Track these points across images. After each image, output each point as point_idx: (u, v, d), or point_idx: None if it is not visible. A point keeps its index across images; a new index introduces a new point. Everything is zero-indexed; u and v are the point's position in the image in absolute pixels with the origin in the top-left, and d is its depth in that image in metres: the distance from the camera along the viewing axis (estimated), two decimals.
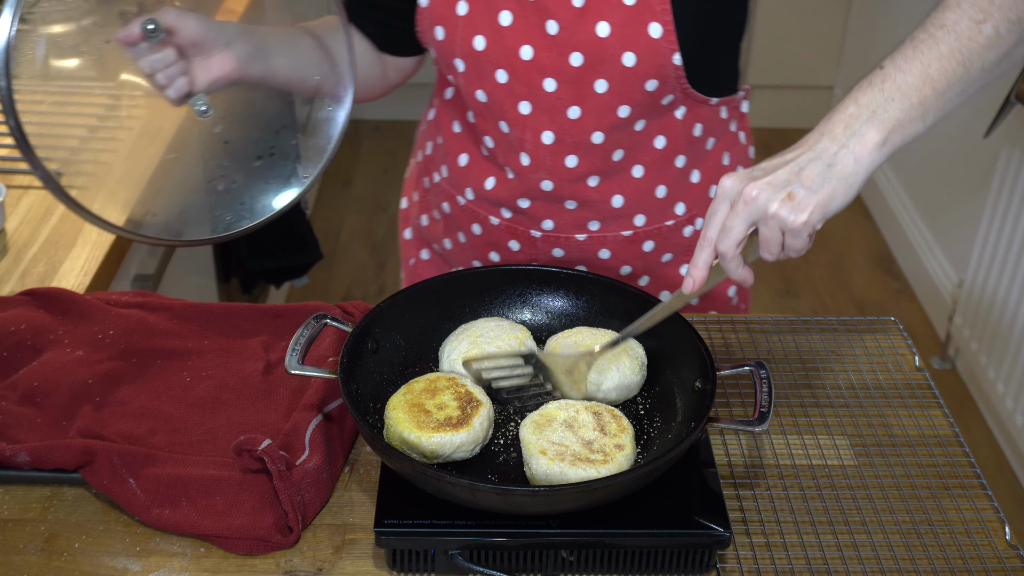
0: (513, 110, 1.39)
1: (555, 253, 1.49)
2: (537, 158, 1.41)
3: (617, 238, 1.48)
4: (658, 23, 1.30)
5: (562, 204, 1.45)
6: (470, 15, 1.36)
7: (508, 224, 1.49)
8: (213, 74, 1.26)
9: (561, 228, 1.47)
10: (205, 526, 1.12)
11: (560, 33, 1.32)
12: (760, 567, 1.12)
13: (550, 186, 1.43)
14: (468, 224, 1.53)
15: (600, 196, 1.44)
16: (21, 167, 1.79)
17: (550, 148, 1.40)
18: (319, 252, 2.56)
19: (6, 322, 1.36)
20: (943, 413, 1.33)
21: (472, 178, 1.49)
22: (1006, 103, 2.54)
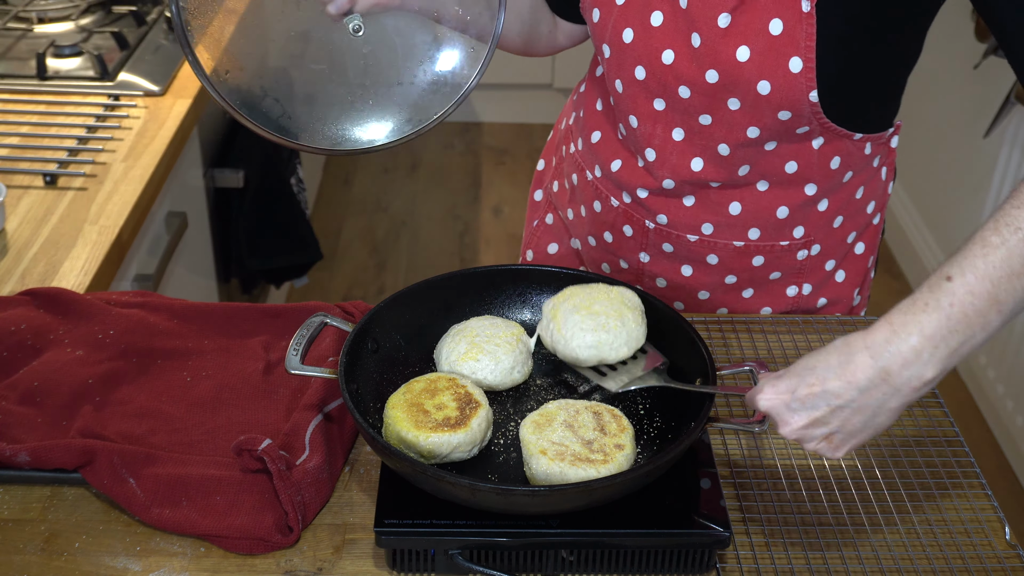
0: (647, 105, 1.39)
1: (665, 247, 1.49)
2: (663, 154, 1.41)
3: (728, 246, 1.45)
4: (799, 57, 1.27)
5: (680, 200, 1.44)
6: (625, 6, 1.36)
7: (626, 209, 1.48)
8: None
9: (675, 225, 1.46)
10: (205, 526, 1.12)
11: (702, 47, 1.31)
12: (760, 567, 1.12)
13: (671, 184, 1.43)
14: (591, 200, 1.53)
15: (719, 199, 1.42)
16: (21, 167, 1.79)
17: (678, 146, 1.39)
18: (319, 252, 2.56)
19: (6, 322, 1.36)
20: (943, 413, 1.33)
21: (602, 157, 1.49)
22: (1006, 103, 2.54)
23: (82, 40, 2.18)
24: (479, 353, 1.23)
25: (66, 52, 2.14)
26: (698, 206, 1.44)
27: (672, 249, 1.48)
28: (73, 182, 1.75)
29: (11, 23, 2.27)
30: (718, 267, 1.48)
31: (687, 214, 1.44)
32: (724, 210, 1.43)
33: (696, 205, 1.44)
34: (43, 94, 2.02)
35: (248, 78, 1.32)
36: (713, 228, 1.44)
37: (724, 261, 1.47)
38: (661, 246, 1.48)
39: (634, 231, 1.49)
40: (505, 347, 1.25)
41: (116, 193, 1.73)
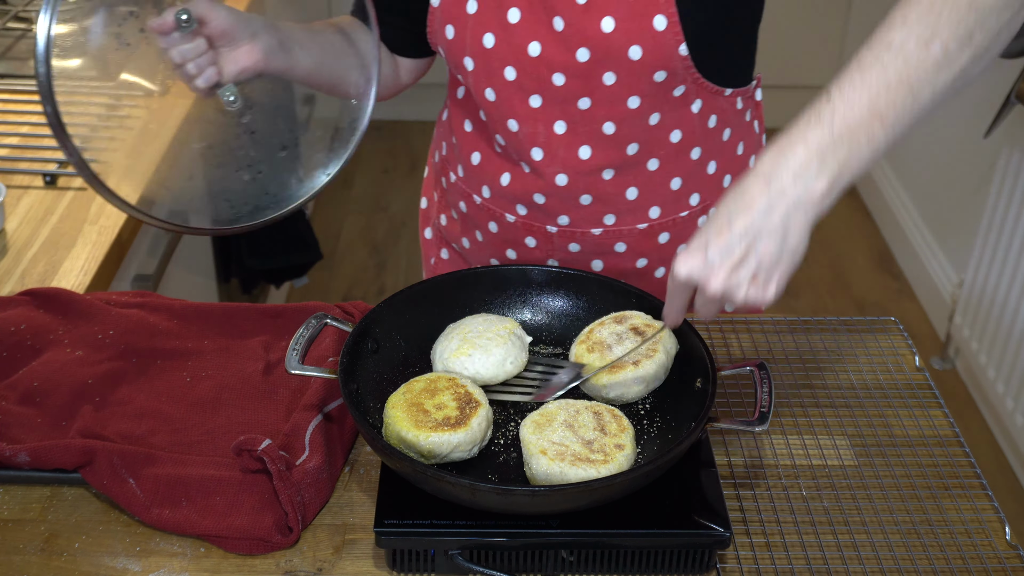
0: (524, 105, 1.39)
1: (571, 248, 1.49)
2: (550, 150, 1.42)
3: (633, 231, 1.48)
4: (663, 15, 1.30)
5: (577, 199, 1.45)
6: (479, 13, 1.36)
7: (524, 221, 1.49)
8: (240, 64, 1.28)
9: (577, 223, 1.47)
10: (205, 526, 1.12)
11: (567, 29, 1.32)
12: (760, 567, 1.12)
13: (565, 180, 1.43)
14: (485, 223, 1.53)
15: (615, 189, 1.44)
16: (21, 167, 1.79)
17: (563, 138, 1.40)
18: (319, 252, 2.56)
19: (6, 322, 1.36)
20: (943, 413, 1.33)
21: (487, 176, 1.49)
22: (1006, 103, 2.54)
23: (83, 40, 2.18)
24: (471, 348, 1.23)
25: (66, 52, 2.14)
26: (596, 203, 1.45)
27: (579, 248, 1.49)
28: (73, 182, 1.75)
29: (11, 23, 2.27)
30: (627, 254, 1.49)
31: (587, 210, 1.46)
32: (622, 199, 1.45)
33: (594, 202, 1.45)
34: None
35: (167, 192, 1.33)
36: (615, 217, 1.46)
37: (632, 247, 1.49)
38: (567, 247, 1.49)
39: (537, 240, 1.50)
40: (497, 340, 1.24)
41: None
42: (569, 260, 1.50)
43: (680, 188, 1.46)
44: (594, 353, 1.23)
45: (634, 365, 1.20)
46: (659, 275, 1.53)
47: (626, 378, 1.20)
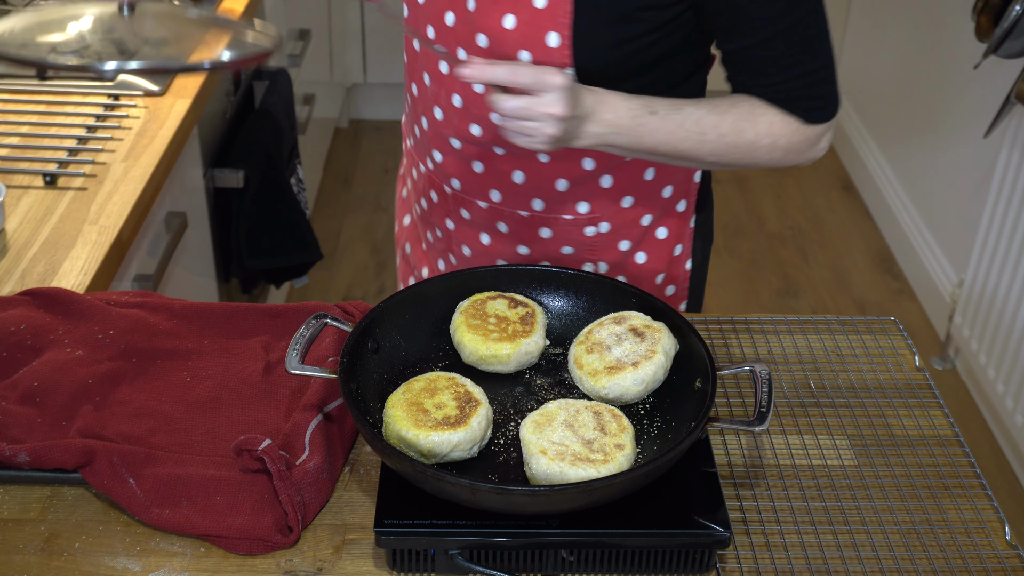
0: (435, 65, 1.42)
1: (463, 214, 1.52)
2: (448, 116, 1.44)
3: (515, 215, 1.49)
4: (556, 33, 1.30)
5: (470, 165, 1.47)
6: None
7: (430, 174, 1.54)
8: None
9: (468, 191, 1.49)
10: (205, 526, 1.12)
11: (475, 11, 1.34)
12: (760, 567, 1.12)
13: (458, 144, 1.46)
14: (411, 168, 1.59)
15: (504, 166, 1.45)
16: (21, 167, 1.79)
17: (458, 111, 1.43)
18: (319, 252, 2.56)
19: (6, 322, 1.36)
20: (943, 413, 1.33)
21: (411, 124, 1.55)
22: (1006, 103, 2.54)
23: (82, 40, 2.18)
24: None
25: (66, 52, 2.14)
26: (487, 173, 1.47)
27: (469, 216, 1.52)
28: (73, 182, 1.75)
29: None
30: (509, 236, 1.51)
31: (477, 180, 1.48)
32: (508, 179, 1.46)
33: (485, 172, 1.46)
34: (43, 94, 2.02)
35: None
36: (501, 196, 1.48)
37: (513, 230, 1.50)
38: (460, 212, 1.52)
39: (439, 197, 1.54)
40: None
41: (116, 193, 1.73)
42: (462, 226, 1.54)
43: (567, 191, 1.46)
44: (593, 354, 1.23)
45: (633, 367, 1.20)
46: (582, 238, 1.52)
47: (625, 379, 1.20)
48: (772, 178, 4.08)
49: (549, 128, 1.22)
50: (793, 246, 3.73)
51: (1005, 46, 2.46)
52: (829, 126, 1.37)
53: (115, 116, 1.94)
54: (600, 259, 1.52)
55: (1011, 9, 2.41)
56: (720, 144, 1.33)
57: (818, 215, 3.89)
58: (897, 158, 3.69)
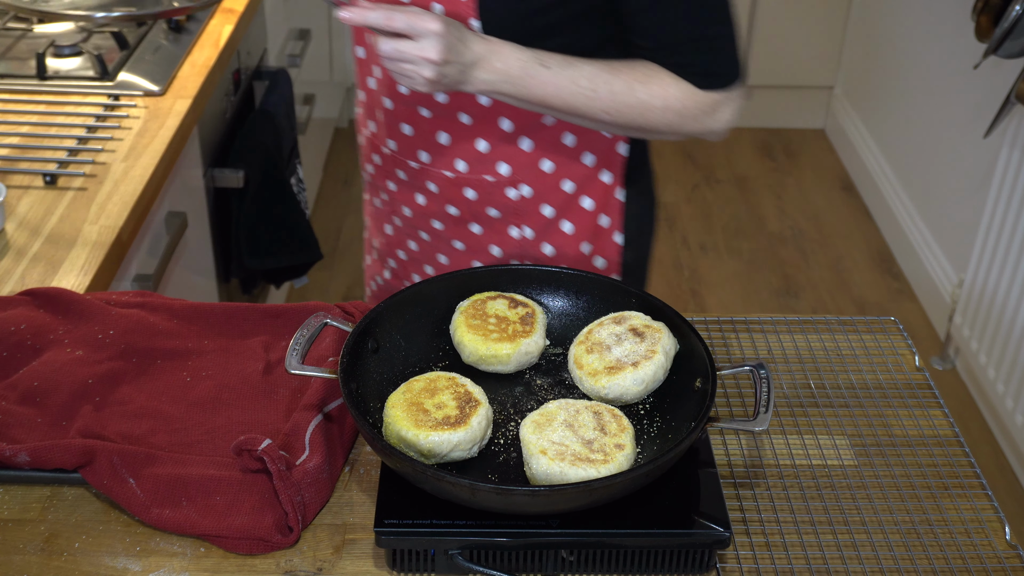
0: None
1: (399, 175, 1.57)
2: (383, 79, 1.50)
3: (440, 176, 1.53)
4: (474, 20, 1.36)
5: (399, 127, 1.52)
6: None
7: (371, 137, 1.59)
8: None
9: (401, 152, 1.54)
10: (205, 526, 1.12)
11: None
12: (760, 567, 1.12)
13: (390, 104, 1.51)
14: (359, 132, 1.64)
15: (431, 128, 1.49)
16: (21, 167, 1.79)
17: (388, 74, 1.48)
18: (319, 252, 2.56)
19: (6, 322, 1.36)
20: (943, 413, 1.33)
21: (360, 85, 1.60)
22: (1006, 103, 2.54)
23: (82, 40, 2.18)
24: None
25: (66, 52, 2.14)
26: (415, 135, 1.51)
27: (405, 176, 1.56)
28: (73, 182, 1.75)
29: (11, 23, 2.26)
30: (439, 196, 1.55)
31: (407, 141, 1.52)
32: (434, 140, 1.50)
33: (414, 134, 1.51)
34: (43, 94, 2.02)
35: None
36: (429, 157, 1.52)
37: (442, 190, 1.54)
38: (396, 173, 1.57)
39: (381, 160, 1.59)
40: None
41: (116, 193, 1.73)
42: (401, 187, 1.58)
43: (488, 152, 1.50)
44: (593, 354, 1.23)
45: (633, 367, 1.20)
46: (475, 231, 1.57)
47: (625, 379, 1.20)
48: (772, 178, 4.08)
49: (426, 71, 1.27)
50: (793, 246, 3.73)
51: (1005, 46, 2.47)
52: (729, 97, 1.39)
53: (115, 116, 1.94)
54: (525, 223, 1.55)
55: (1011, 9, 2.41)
56: (612, 102, 1.36)
57: (818, 215, 3.89)
58: (897, 158, 3.69)
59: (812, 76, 4.27)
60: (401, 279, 1.72)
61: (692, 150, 4.21)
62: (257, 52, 2.62)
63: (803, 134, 4.35)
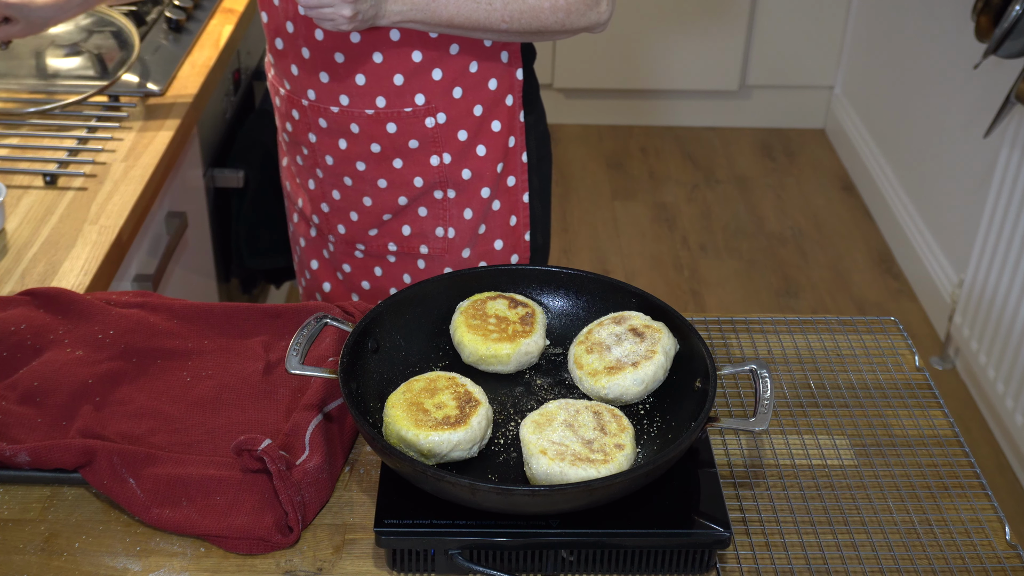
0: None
1: (321, 123, 1.65)
2: (298, 27, 1.58)
3: (362, 115, 1.62)
4: None
5: (317, 76, 1.61)
6: None
7: (289, 94, 1.68)
8: None
9: (321, 99, 1.63)
10: (205, 526, 1.12)
11: None
12: (760, 567, 1.12)
13: (308, 54, 1.59)
14: (274, 97, 1.74)
15: (346, 72, 1.59)
16: (21, 167, 1.79)
17: (302, 19, 1.56)
18: None
19: (6, 322, 1.36)
20: (943, 413, 1.33)
21: (268, 51, 1.69)
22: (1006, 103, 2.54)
23: (82, 40, 2.18)
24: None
25: (66, 52, 2.14)
26: (333, 81, 1.60)
27: (326, 124, 1.65)
28: (73, 182, 1.75)
29: None
30: (362, 136, 1.64)
31: (325, 89, 1.62)
32: (352, 82, 1.59)
33: (331, 81, 1.60)
34: (43, 94, 2.02)
35: None
36: (349, 99, 1.61)
37: (365, 130, 1.63)
38: (318, 122, 1.65)
39: (300, 113, 1.67)
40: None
41: (116, 193, 1.73)
42: (323, 136, 1.66)
43: (403, 84, 1.59)
44: (593, 354, 1.23)
45: (633, 367, 1.20)
46: (397, 165, 1.66)
47: (625, 379, 1.20)
48: (772, 178, 4.08)
49: (345, 11, 1.40)
50: (793, 246, 3.72)
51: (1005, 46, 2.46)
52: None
53: (115, 116, 1.94)
54: (444, 150, 1.65)
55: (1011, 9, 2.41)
56: (507, 11, 1.49)
57: (818, 215, 3.89)
58: (897, 158, 3.69)
59: (812, 76, 4.27)
60: (326, 234, 1.79)
61: (692, 150, 4.21)
62: (257, 52, 2.62)
63: (803, 134, 4.35)
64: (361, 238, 1.75)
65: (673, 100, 4.30)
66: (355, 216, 1.72)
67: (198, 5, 2.33)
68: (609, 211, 3.82)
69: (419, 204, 1.69)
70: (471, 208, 1.70)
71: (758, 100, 4.32)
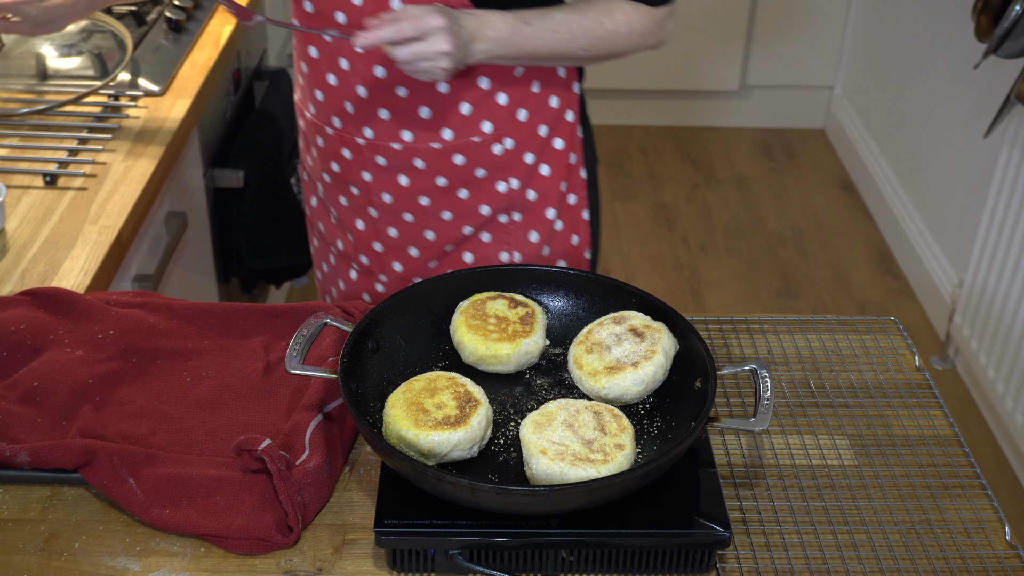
0: (332, 20, 1.50)
1: (379, 161, 1.59)
2: (354, 64, 1.53)
3: (428, 149, 1.57)
4: None
5: (376, 113, 1.55)
6: None
7: (339, 133, 1.60)
8: None
9: (380, 137, 1.57)
10: (205, 526, 1.12)
11: None
12: (760, 567, 1.12)
13: (364, 92, 1.54)
14: (314, 137, 1.66)
15: (408, 106, 1.54)
16: (21, 167, 1.79)
17: (361, 56, 1.52)
18: None
19: (6, 322, 1.36)
20: (943, 413, 1.33)
21: (310, 91, 1.62)
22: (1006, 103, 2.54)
23: (82, 40, 2.18)
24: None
25: (66, 52, 2.14)
26: (394, 118, 1.55)
27: (385, 162, 1.59)
28: (73, 182, 1.75)
29: None
30: (427, 171, 1.59)
31: (385, 126, 1.56)
32: (415, 116, 1.55)
33: (393, 116, 1.55)
34: (44, 94, 2.02)
35: None
36: (412, 135, 1.56)
37: (430, 164, 1.58)
38: (375, 160, 1.60)
39: (352, 152, 1.61)
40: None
41: (116, 193, 1.73)
42: (379, 174, 1.60)
43: (471, 114, 1.55)
44: (593, 354, 1.23)
45: (633, 367, 1.20)
46: (463, 196, 1.62)
47: (625, 379, 1.20)
48: (772, 178, 4.08)
49: (443, 63, 1.38)
50: (793, 246, 3.73)
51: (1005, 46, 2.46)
52: (672, 10, 1.53)
53: (115, 116, 1.94)
54: (511, 175, 1.61)
55: (1011, 9, 2.41)
56: (587, 39, 1.49)
57: (818, 215, 3.89)
58: (897, 158, 3.69)
59: (812, 76, 4.27)
60: (374, 275, 1.72)
61: (692, 150, 4.21)
62: (257, 52, 2.62)
63: (803, 134, 4.35)
64: (420, 272, 1.69)
65: (673, 100, 4.30)
66: (415, 252, 1.67)
67: (198, 5, 2.34)
68: (609, 211, 3.82)
69: (483, 231, 1.65)
70: (536, 230, 1.65)
71: (758, 100, 4.32)
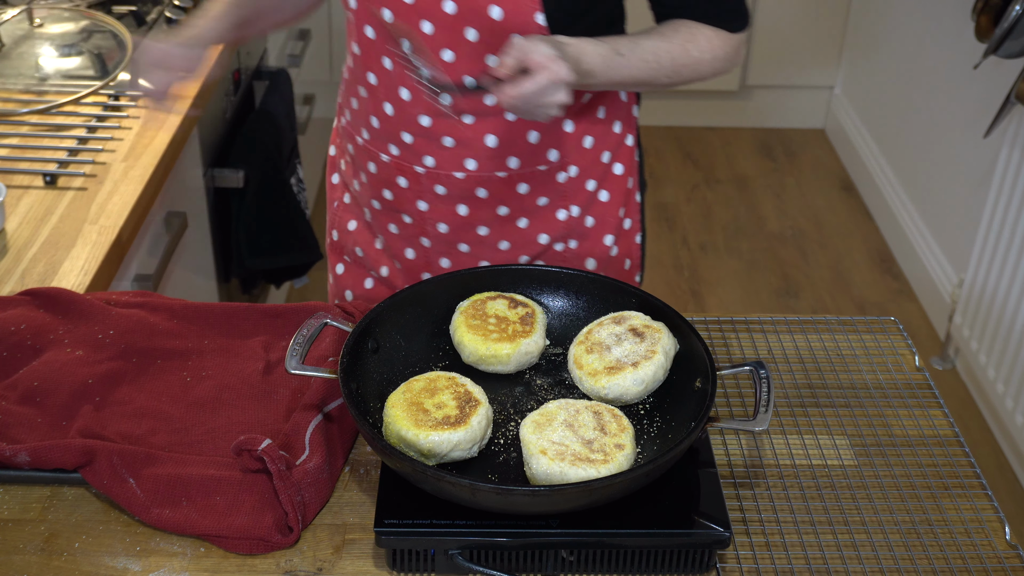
0: (379, 15, 1.45)
1: (438, 190, 1.55)
2: (415, 94, 1.49)
3: (492, 178, 1.53)
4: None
5: (439, 141, 1.51)
6: None
7: (396, 160, 1.55)
8: None
9: (441, 165, 1.53)
10: (205, 526, 1.12)
11: None
12: (760, 567, 1.12)
13: (428, 121, 1.49)
14: (365, 163, 1.60)
15: (474, 134, 1.49)
16: (21, 167, 1.79)
17: (421, 83, 1.47)
18: (319, 252, 2.56)
19: (6, 322, 1.36)
20: (943, 413, 1.33)
21: (364, 117, 1.57)
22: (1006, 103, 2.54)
23: (82, 40, 2.18)
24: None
25: (65, 52, 2.14)
26: (458, 146, 1.51)
27: (445, 191, 1.55)
28: (73, 182, 1.75)
29: None
30: (489, 200, 1.55)
31: (450, 154, 1.51)
32: (481, 144, 1.50)
33: (456, 146, 1.51)
34: (44, 94, 2.02)
35: None
36: (476, 163, 1.52)
37: (493, 193, 1.54)
38: (434, 189, 1.55)
39: (408, 181, 1.56)
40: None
41: (116, 193, 1.73)
42: (437, 203, 1.56)
43: (538, 142, 1.52)
44: (593, 354, 1.23)
45: (633, 367, 1.20)
46: (522, 225, 1.58)
47: (625, 379, 1.20)
48: (772, 178, 4.08)
49: (555, 112, 1.31)
50: (793, 246, 3.72)
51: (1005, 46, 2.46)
52: (748, 35, 1.50)
53: (115, 116, 1.94)
54: (572, 203, 1.58)
55: (1011, 9, 2.41)
56: (673, 67, 1.46)
57: (818, 215, 3.89)
58: (897, 158, 3.68)
59: (812, 76, 4.27)
60: None
61: (692, 150, 4.21)
62: (257, 52, 2.62)
63: (803, 134, 4.35)
64: None
65: (673, 100, 4.30)
66: None
67: (198, 5, 2.34)
68: None
69: (539, 260, 1.62)
70: (593, 257, 1.63)
71: (758, 100, 4.32)
